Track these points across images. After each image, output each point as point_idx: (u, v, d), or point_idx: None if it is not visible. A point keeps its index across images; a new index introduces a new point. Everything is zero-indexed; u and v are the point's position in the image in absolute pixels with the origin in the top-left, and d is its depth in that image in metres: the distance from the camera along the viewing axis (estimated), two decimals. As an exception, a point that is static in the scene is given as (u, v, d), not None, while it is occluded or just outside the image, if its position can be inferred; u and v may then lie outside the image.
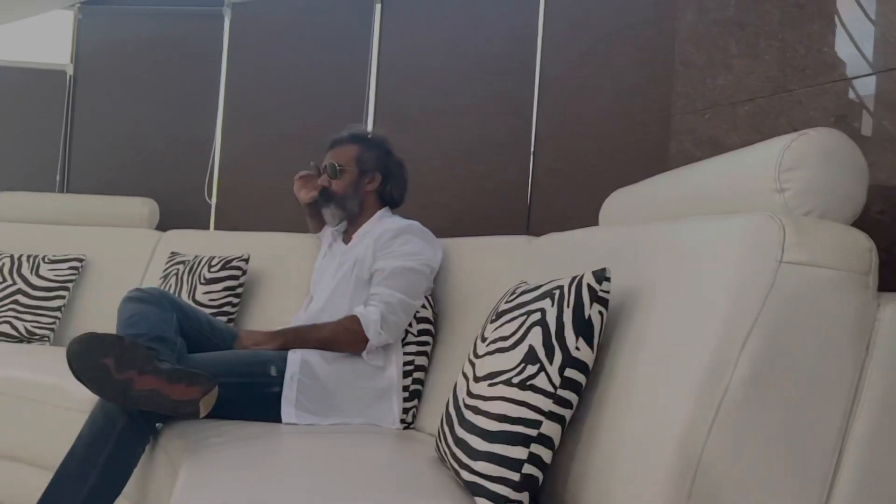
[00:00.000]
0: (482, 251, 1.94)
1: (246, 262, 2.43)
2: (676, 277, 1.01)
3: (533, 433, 1.03)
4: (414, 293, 1.84)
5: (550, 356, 1.05)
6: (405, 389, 1.82)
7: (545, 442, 1.03)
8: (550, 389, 1.04)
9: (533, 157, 2.51)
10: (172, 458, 1.49)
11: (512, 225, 2.50)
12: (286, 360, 1.73)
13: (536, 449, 1.03)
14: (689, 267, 0.99)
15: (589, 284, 1.06)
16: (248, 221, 3.01)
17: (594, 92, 2.31)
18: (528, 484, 1.02)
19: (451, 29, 2.74)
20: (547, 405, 1.03)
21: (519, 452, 1.02)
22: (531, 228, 2.48)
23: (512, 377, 1.07)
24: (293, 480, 1.20)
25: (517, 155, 2.55)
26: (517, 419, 1.04)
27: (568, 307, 1.07)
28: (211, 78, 3.21)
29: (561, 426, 1.05)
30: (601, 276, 1.06)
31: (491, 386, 1.11)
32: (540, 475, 1.03)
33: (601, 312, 1.06)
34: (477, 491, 1.05)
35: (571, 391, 1.04)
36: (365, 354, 1.79)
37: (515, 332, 1.13)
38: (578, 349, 1.04)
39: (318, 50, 3.04)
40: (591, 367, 1.06)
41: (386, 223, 1.97)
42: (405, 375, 1.83)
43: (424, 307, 1.88)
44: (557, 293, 1.10)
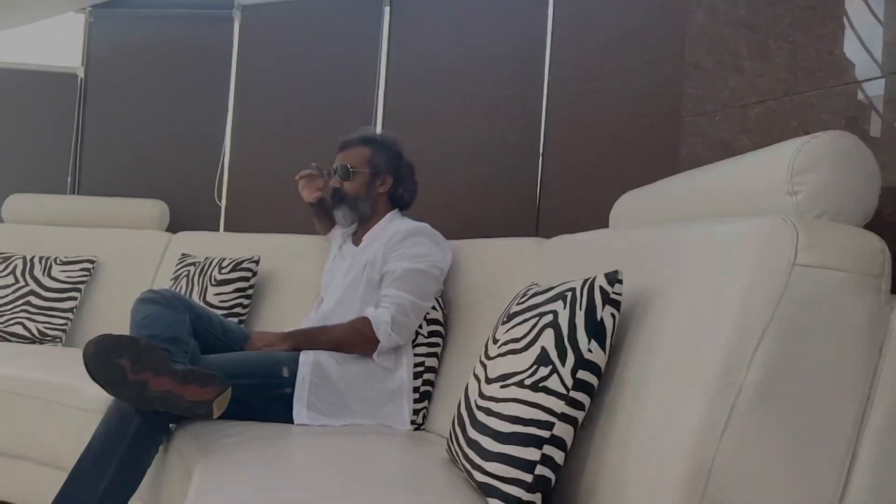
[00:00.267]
0: (492, 253, 1.94)
1: (256, 263, 2.44)
2: (689, 280, 1.01)
3: (545, 435, 1.03)
4: (424, 295, 1.85)
5: (563, 358, 1.05)
6: (415, 391, 1.83)
7: (558, 443, 1.04)
8: (563, 391, 1.04)
9: (542, 158, 2.51)
10: (186, 458, 1.50)
11: (520, 227, 2.50)
12: (298, 361, 1.75)
13: (549, 450, 1.03)
14: (701, 269, 0.99)
15: (601, 287, 1.07)
16: (257, 223, 3.03)
17: (603, 94, 2.31)
18: (540, 485, 1.03)
19: (459, 31, 2.75)
20: (559, 407, 1.04)
21: (531, 454, 1.03)
22: (540, 230, 2.48)
23: (524, 379, 1.08)
24: (307, 481, 1.21)
25: (526, 157, 2.55)
26: (530, 420, 1.04)
27: (580, 309, 1.07)
28: (221, 80, 3.22)
29: (573, 428, 1.05)
30: (613, 278, 1.07)
31: (503, 387, 1.11)
32: (552, 476, 1.04)
33: (613, 315, 1.06)
34: (490, 492, 1.06)
35: (584, 393, 1.05)
36: (376, 356, 1.80)
37: (527, 333, 1.14)
38: (591, 351, 1.05)
39: (326, 52, 3.05)
40: (603, 369, 1.06)
41: (396, 225, 1.98)
42: (415, 377, 1.84)
43: (434, 309, 1.89)
44: (570, 295, 1.11)
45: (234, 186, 3.20)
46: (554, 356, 1.06)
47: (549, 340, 1.08)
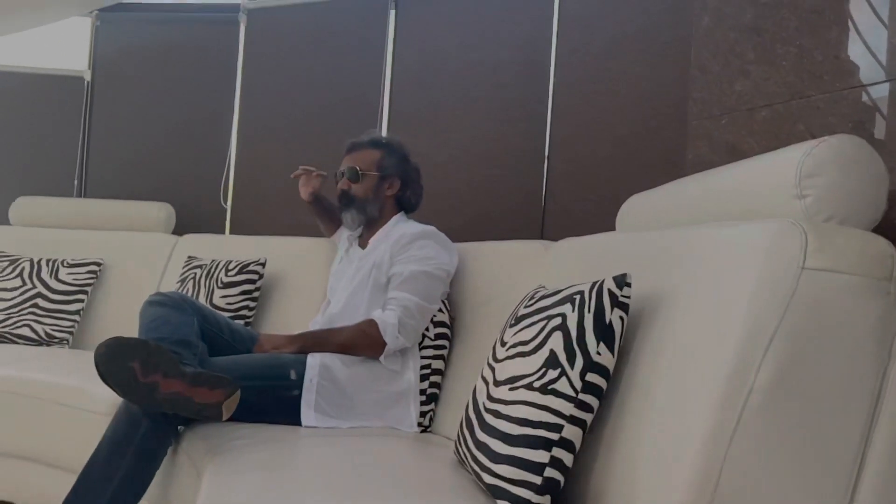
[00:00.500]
0: (498, 256, 1.95)
1: (263, 265, 2.45)
2: (697, 283, 1.02)
3: (554, 437, 1.04)
4: (431, 297, 1.86)
5: (572, 360, 1.06)
6: (422, 393, 1.84)
7: (567, 446, 1.04)
8: (572, 394, 1.05)
9: (547, 161, 2.52)
10: (195, 460, 1.51)
11: (526, 230, 2.51)
12: (305, 363, 1.75)
13: (558, 453, 1.04)
14: (709, 273, 1.00)
15: (610, 289, 1.08)
16: (263, 225, 3.04)
17: (609, 97, 2.32)
18: (549, 487, 1.03)
19: (465, 34, 2.76)
20: (568, 409, 1.04)
21: (541, 456, 1.04)
22: (545, 233, 2.49)
23: (533, 381, 1.09)
24: (316, 483, 1.21)
25: (531, 160, 2.56)
26: (538, 423, 1.05)
27: (589, 312, 1.08)
28: (227, 83, 3.24)
29: (582, 430, 1.06)
30: (622, 281, 1.08)
31: (512, 390, 1.12)
32: (561, 479, 1.05)
33: (622, 317, 1.07)
34: (499, 494, 1.06)
35: (593, 395, 1.06)
36: (383, 358, 1.81)
37: (536, 336, 1.14)
38: (599, 354, 1.05)
39: (332, 55, 3.06)
40: (611, 371, 1.07)
41: (402, 228, 1.98)
42: (422, 379, 1.84)
43: (441, 311, 1.90)
44: (578, 298, 1.12)
45: (239, 189, 3.21)
46: (563, 359, 1.07)
47: (557, 343, 1.09)
